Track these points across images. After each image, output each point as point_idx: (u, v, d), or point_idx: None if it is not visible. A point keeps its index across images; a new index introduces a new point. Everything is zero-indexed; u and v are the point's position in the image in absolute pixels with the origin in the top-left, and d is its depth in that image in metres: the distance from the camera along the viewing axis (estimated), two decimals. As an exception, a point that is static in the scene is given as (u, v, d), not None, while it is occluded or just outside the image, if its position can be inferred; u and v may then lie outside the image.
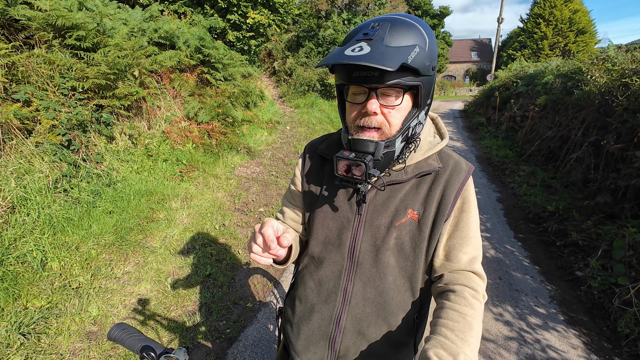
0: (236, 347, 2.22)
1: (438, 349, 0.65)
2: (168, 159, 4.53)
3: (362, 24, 0.77)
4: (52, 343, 2.03)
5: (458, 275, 0.81)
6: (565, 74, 6.69)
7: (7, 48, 3.31)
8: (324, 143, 1.00)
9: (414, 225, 0.84)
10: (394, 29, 0.72)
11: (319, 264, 0.92)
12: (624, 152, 4.15)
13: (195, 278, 2.80)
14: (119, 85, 4.16)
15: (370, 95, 0.76)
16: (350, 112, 0.82)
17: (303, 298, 0.95)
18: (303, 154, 1.04)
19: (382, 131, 0.78)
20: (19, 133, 3.14)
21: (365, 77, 0.73)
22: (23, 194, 2.77)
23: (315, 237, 0.93)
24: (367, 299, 0.86)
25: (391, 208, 0.85)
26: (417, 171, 0.86)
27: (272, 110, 8.64)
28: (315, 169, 0.99)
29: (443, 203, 0.83)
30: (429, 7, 26.91)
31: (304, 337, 0.94)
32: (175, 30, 5.68)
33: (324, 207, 0.93)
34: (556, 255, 3.38)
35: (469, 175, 0.86)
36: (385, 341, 0.88)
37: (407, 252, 0.85)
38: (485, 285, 0.83)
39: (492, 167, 6.58)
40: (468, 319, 0.71)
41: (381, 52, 0.68)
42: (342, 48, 0.72)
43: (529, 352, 2.18)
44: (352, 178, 0.77)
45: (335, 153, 0.91)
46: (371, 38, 0.70)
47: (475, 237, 0.85)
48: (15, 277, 2.26)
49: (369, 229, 0.86)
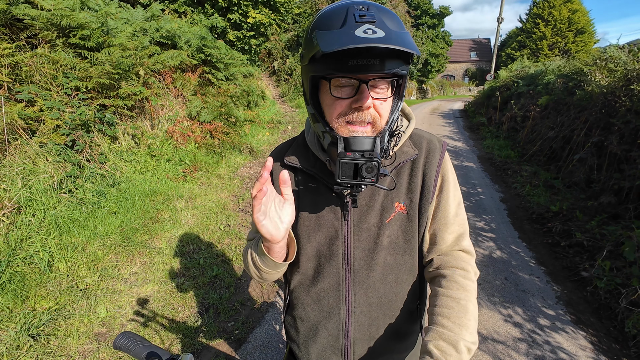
0: (245, 348, 2.22)
1: (437, 341, 0.66)
2: (171, 159, 4.51)
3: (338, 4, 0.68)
4: (62, 345, 2.02)
5: (447, 258, 0.80)
6: (566, 74, 6.71)
7: (10, 47, 3.28)
8: (290, 150, 0.90)
9: (404, 217, 0.82)
10: (383, 13, 0.66)
11: (313, 280, 0.87)
12: (627, 152, 4.17)
13: (201, 279, 2.79)
14: (122, 85, 4.14)
15: (361, 87, 0.68)
16: (333, 107, 0.72)
17: (304, 317, 0.91)
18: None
19: (375, 125, 0.73)
20: (23, 133, 3.12)
21: (363, 66, 0.64)
22: (28, 195, 2.75)
23: (304, 253, 0.86)
24: (371, 305, 0.84)
25: (377, 206, 0.82)
26: (395, 162, 0.82)
27: (273, 110, 8.63)
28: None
29: (425, 187, 0.81)
30: (428, 6, 26.90)
31: (314, 356, 0.91)
32: (176, 30, 5.66)
33: (306, 220, 0.86)
34: (561, 256, 3.38)
35: (444, 152, 0.84)
36: (392, 336, 0.87)
37: (402, 247, 0.83)
38: (474, 259, 0.82)
39: (494, 167, 6.59)
40: (462, 302, 0.72)
41: (397, 36, 0.61)
42: (342, 30, 0.62)
43: (539, 354, 2.19)
44: (360, 182, 0.69)
45: (304, 159, 0.87)
46: (374, 20, 0.62)
47: (458, 213, 0.83)
48: (22, 279, 2.25)
49: (359, 233, 0.82)
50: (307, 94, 0.77)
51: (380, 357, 0.89)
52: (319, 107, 0.77)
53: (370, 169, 0.67)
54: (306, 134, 0.91)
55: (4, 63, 3.22)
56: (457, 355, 0.64)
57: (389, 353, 0.89)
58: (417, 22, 26.61)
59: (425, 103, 21.49)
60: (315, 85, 0.76)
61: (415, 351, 0.95)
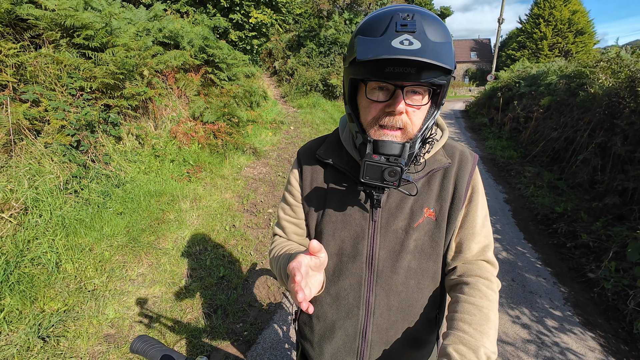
0: (255, 350, 2.21)
1: (457, 345, 0.66)
2: (175, 160, 4.50)
3: (384, 11, 0.69)
4: (71, 346, 2.01)
5: (471, 266, 0.81)
6: (569, 75, 6.72)
7: (15, 48, 3.27)
8: (322, 147, 0.92)
9: (432, 223, 0.82)
10: (427, 22, 0.66)
11: (334, 278, 0.87)
12: (631, 154, 4.17)
13: (209, 280, 2.78)
14: (126, 85, 4.13)
15: (396, 93, 0.70)
16: (368, 110, 0.74)
17: (321, 315, 0.90)
18: (297, 161, 0.95)
19: (405, 131, 0.74)
20: (28, 133, 3.11)
21: (399, 74, 0.66)
22: (35, 195, 2.74)
23: (327, 250, 0.85)
24: (391, 308, 0.83)
25: (406, 210, 0.82)
26: (427, 169, 0.83)
27: (275, 110, 8.62)
28: (316, 176, 0.91)
29: (456, 196, 0.82)
30: (429, 7, 26.93)
31: (328, 356, 0.90)
32: (179, 30, 5.65)
33: (332, 216, 0.86)
34: (567, 257, 3.39)
35: (475, 164, 0.85)
36: (409, 342, 0.87)
37: (428, 252, 0.83)
38: (497, 272, 0.82)
39: (498, 167, 6.59)
40: (484, 311, 0.71)
41: (433, 48, 0.63)
42: (381, 39, 0.64)
43: (548, 355, 2.19)
44: (382, 184, 0.70)
45: (337, 156, 0.88)
46: (414, 30, 0.63)
47: (485, 225, 0.84)
48: (31, 280, 2.24)
49: (386, 235, 0.82)
50: (347, 94, 0.79)
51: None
52: (355, 108, 0.79)
53: (393, 173, 0.69)
54: (341, 132, 0.92)
55: (8, 63, 3.21)
56: None
57: (400, 358, 0.89)
58: (417, 22, 26.60)
59: (426, 103, 21.46)
60: (354, 87, 0.78)
61: None
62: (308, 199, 0.92)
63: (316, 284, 0.72)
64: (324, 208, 0.88)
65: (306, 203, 0.92)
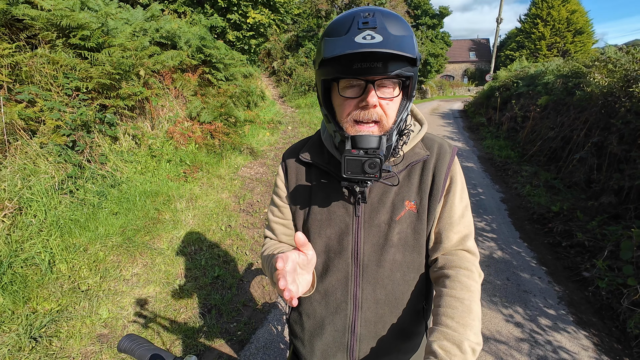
0: (248, 350, 2.21)
1: (442, 341, 0.67)
2: (171, 160, 4.51)
3: (347, 13, 0.73)
4: (64, 346, 2.01)
5: (451, 257, 0.81)
6: (566, 74, 6.73)
7: (10, 48, 3.27)
8: (304, 148, 0.94)
9: (414, 216, 0.84)
10: (388, 18, 0.70)
11: (322, 275, 0.89)
12: (627, 153, 4.18)
13: (203, 280, 2.78)
14: (122, 85, 4.13)
15: (368, 87, 0.72)
16: (343, 107, 0.76)
17: (310, 312, 0.92)
18: (282, 163, 0.97)
19: (381, 124, 0.76)
20: (23, 134, 3.11)
21: (367, 69, 0.69)
22: (29, 195, 2.74)
23: (314, 248, 0.85)
24: (378, 301, 0.85)
25: (388, 203, 0.84)
26: (407, 162, 0.85)
27: (273, 110, 8.63)
28: (300, 177, 0.93)
29: (435, 187, 0.83)
30: (428, 6, 26.92)
31: (319, 353, 0.92)
32: (176, 30, 5.65)
33: (318, 215, 0.88)
34: (562, 256, 3.39)
35: (454, 156, 0.87)
36: (398, 334, 0.88)
37: (411, 245, 0.84)
38: (478, 260, 0.83)
39: (495, 167, 6.59)
40: (466, 302, 0.72)
41: (394, 40, 0.66)
42: (345, 37, 0.67)
43: (541, 354, 2.19)
44: (364, 177, 0.72)
45: (319, 156, 0.91)
46: (375, 26, 0.67)
47: (465, 215, 0.85)
48: (24, 280, 2.24)
49: (370, 229, 0.84)
50: (320, 96, 0.82)
51: (385, 356, 0.90)
52: (331, 109, 0.82)
53: (373, 165, 0.70)
54: (322, 132, 0.95)
55: (4, 63, 3.21)
56: (462, 355, 0.65)
57: (394, 352, 0.90)
58: (416, 22, 26.64)
59: (425, 103, 21.50)
60: (327, 88, 0.80)
61: (420, 352, 0.96)
62: (294, 199, 0.94)
63: (304, 283, 0.73)
64: (310, 207, 0.90)
65: (292, 203, 0.94)
